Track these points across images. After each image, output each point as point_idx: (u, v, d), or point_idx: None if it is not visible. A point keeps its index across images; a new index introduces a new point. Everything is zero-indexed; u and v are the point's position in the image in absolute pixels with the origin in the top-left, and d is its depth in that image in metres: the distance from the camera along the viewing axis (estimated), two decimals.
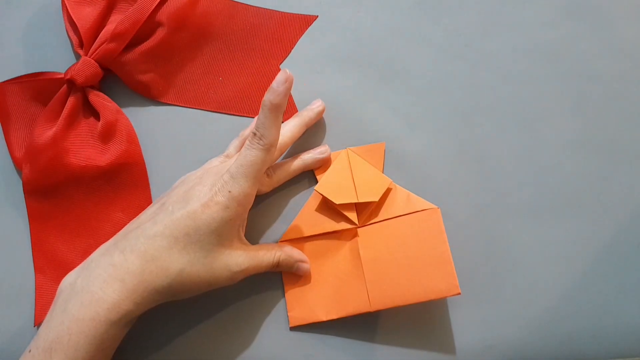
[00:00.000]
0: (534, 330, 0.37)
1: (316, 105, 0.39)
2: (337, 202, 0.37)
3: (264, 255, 0.35)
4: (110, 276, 0.31)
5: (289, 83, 0.32)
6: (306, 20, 0.41)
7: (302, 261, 0.37)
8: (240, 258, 0.33)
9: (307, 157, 0.38)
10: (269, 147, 0.32)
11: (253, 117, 0.40)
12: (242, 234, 0.36)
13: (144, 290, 0.31)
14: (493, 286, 0.37)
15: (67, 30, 0.41)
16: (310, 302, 0.37)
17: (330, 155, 0.39)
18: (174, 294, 0.32)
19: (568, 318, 0.37)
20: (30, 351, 0.31)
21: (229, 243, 0.33)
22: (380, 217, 0.37)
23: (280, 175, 0.38)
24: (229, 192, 0.32)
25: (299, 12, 0.41)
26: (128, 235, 0.33)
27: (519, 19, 0.41)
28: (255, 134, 0.32)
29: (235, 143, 0.38)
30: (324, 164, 0.39)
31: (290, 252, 0.36)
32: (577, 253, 0.38)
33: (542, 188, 0.39)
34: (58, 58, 0.42)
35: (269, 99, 0.32)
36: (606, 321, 0.37)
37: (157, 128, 0.40)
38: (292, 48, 0.41)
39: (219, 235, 0.32)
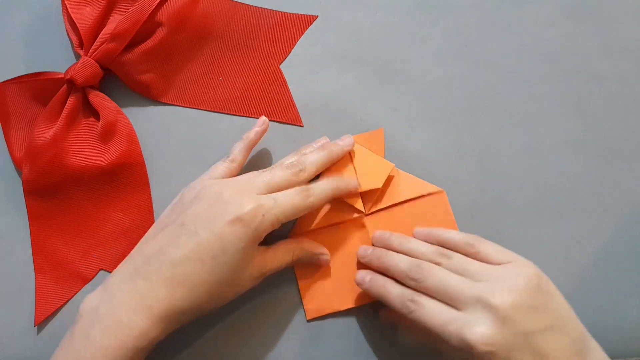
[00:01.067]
0: None
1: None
2: None
3: (284, 255, 0.35)
4: (137, 304, 0.30)
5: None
6: (306, 20, 0.41)
7: (322, 254, 0.37)
8: (262, 263, 0.33)
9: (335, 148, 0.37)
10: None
11: (253, 117, 0.40)
12: None
13: (171, 316, 0.31)
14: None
15: (67, 30, 0.41)
16: (326, 292, 0.37)
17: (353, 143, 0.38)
18: (201, 312, 0.32)
19: None
20: None
21: (252, 258, 0.33)
22: (386, 202, 0.37)
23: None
24: (263, 216, 0.32)
25: (299, 12, 0.41)
26: (150, 260, 0.32)
27: (519, 19, 0.41)
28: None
29: (239, 146, 0.37)
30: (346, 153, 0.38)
31: (308, 247, 0.36)
32: (577, 253, 0.38)
33: (542, 188, 0.39)
34: (58, 58, 0.42)
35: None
36: (606, 321, 0.37)
37: (157, 128, 0.40)
38: (292, 48, 0.41)
39: (245, 252, 0.32)
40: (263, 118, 0.38)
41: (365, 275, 0.35)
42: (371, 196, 0.37)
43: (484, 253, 0.32)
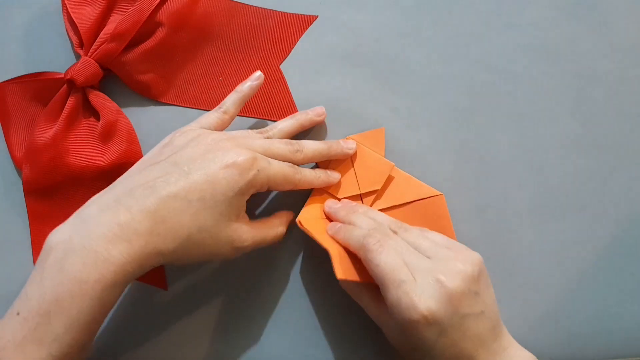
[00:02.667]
0: (534, 330, 0.37)
1: (315, 113, 0.39)
2: (341, 197, 0.37)
3: (268, 231, 0.35)
4: (116, 236, 0.29)
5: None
6: (306, 21, 0.41)
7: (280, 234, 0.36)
8: (244, 234, 0.33)
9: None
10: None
11: (253, 117, 0.40)
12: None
13: (149, 253, 0.29)
14: (493, 286, 0.37)
15: (67, 31, 0.41)
16: (352, 260, 0.35)
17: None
18: (176, 259, 0.31)
19: (568, 318, 0.37)
20: (18, 314, 0.28)
21: (235, 216, 0.32)
22: (385, 202, 0.37)
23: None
24: (258, 171, 0.31)
25: (299, 12, 0.41)
26: (134, 191, 0.30)
27: (519, 19, 0.41)
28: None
29: (233, 98, 0.37)
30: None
31: (289, 220, 0.37)
32: (577, 253, 0.38)
33: (542, 188, 0.39)
34: (58, 58, 0.42)
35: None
36: (606, 321, 0.37)
37: (157, 128, 0.40)
38: (292, 48, 0.41)
39: (229, 204, 0.31)
40: (258, 73, 0.38)
41: (335, 224, 0.35)
42: (370, 194, 0.37)
43: (433, 238, 0.33)
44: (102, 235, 0.29)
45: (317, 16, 0.41)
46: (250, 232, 0.33)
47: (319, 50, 0.41)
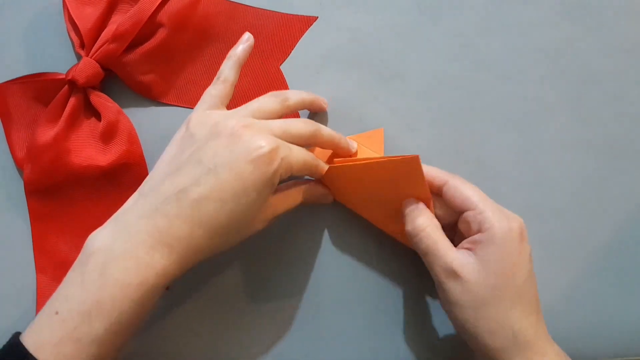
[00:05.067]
0: None
1: (323, 100, 0.39)
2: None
3: (292, 198, 0.35)
4: (156, 241, 0.30)
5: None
6: (306, 21, 0.41)
7: (326, 194, 0.37)
8: (273, 207, 0.33)
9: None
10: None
11: None
12: None
13: (190, 255, 0.31)
14: None
15: (68, 31, 0.41)
16: None
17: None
18: (216, 252, 0.32)
19: (568, 318, 0.37)
20: (58, 313, 0.29)
21: (265, 201, 0.32)
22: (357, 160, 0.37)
23: None
24: (282, 159, 0.31)
25: (299, 13, 0.41)
26: (169, 199, 0.31)
27: (519, 19, 0.41)
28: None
29: (228, 64, 0.35)
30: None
31: (313, 190, 0.36)
32: (577, 253, 0.38)
33: (541, 188, 0.39)
34: (59, 59, 0.42)
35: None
36: (606, 321, 0.37)
37: (158, 128, 0.40)
38: (292, 49, 0.41)
39: (261, 194, 0.31)
40: (247, 34, 0.36)
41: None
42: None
43: None
44: (142, 241, 0.30)
45: (317, 17, 0.41)
46: (278, 204, 0.34)
47: (319, 51, 0.41)
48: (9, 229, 0.40)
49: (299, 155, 0.33)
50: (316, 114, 0.40)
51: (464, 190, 0.33)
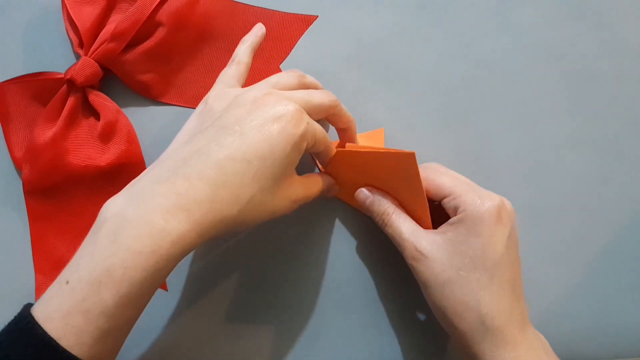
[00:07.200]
0: None
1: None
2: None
3: (314, 184, 0.34)
4: (174, 205, 0.27)
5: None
6: (306, 20, 0.41)
7: (335, 185, 0.37)
8: (298, 188, 0.32)
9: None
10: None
11: None
12: None
13: (211, 221, 0.28)
14: None
15: (67, 30, 0.41)
16: None
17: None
18: (238, 224, 0.29)
19: (568, 318, 0.37)
20: (68, 283, 0.27)
21: (290, 172, 0.31)
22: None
23: None
24: (307, 123, 0.30)
25: (299, 12, 0.41)
26: (189, 160, 0.29)
27: (520, 19, 0.41)
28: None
29: (242, 48, 0.36)
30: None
31: (326, 179, 0.36)
32: (577, 253, 0.38)
33: (541, 188, 0.39)
34: (58, 58, 0.41)
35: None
36: (606, 321, 0.37)
37: (157, 128, 0.40)
38: (292, 48, 0.41)
39: (288, 159, 0.30)
40: (259, 25, 0.37)
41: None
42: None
43: None
44: (159, 205, 0.27)
45: (317, 16, 0.41)
46: (301, 186, 0.33)
47: (319, 50, 0.41)
48: (8, 229, 0.40)
49: (318, 126, 0.32)
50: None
51: (436, 178, 0.33)
